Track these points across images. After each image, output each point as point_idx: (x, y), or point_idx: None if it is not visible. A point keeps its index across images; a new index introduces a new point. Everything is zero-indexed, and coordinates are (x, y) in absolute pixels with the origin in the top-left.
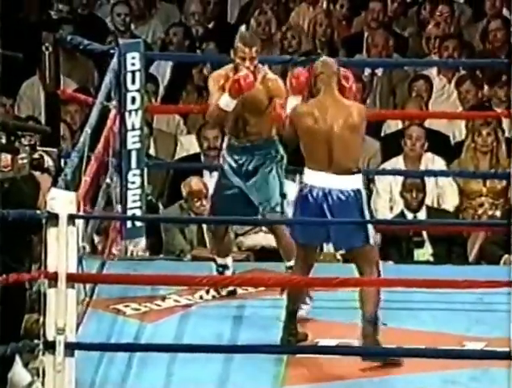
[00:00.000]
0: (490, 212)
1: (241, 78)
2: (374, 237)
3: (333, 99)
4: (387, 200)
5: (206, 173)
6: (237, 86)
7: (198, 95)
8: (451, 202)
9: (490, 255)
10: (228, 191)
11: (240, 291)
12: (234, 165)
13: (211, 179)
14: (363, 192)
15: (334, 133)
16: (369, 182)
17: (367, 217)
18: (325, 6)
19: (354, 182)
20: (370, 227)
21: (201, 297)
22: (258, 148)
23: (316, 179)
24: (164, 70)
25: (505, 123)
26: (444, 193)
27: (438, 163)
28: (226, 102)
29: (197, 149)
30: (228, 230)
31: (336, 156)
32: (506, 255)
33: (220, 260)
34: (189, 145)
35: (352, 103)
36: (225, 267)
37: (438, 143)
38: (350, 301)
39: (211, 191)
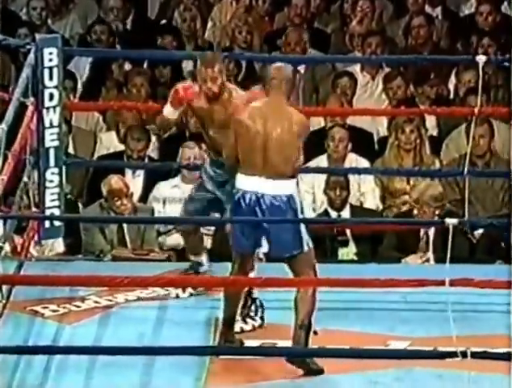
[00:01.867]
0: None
1: (181, 89)
2: (307, 241)
3: (277, 104)
4: (310, 199)
5: (128, 172)
6: (175, 95)
7: (118, 92)
8: (373, 201)
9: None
10: (204, 196)
11: (161, 292)
12: (212, 174)
13: (133, 179)
14: (297, 198)
15: (272, 138)
16: None
17: (301, 225)
18: (247, 1)
19: (288, 187)
20: (304, 232)
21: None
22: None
23: (249, 183)
24: (83, 66)
25: (429, 120)
26: (367, 192)
27: (362, 164)
28: (168, 112)
29: (117, 147)
30: (199, 229)
31: (271, 160)
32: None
33: (193, 258)
34: (109, 142)
35: (295, 111)
36: (199, 264)
37: (362, 140)
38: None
39: (132, 189)
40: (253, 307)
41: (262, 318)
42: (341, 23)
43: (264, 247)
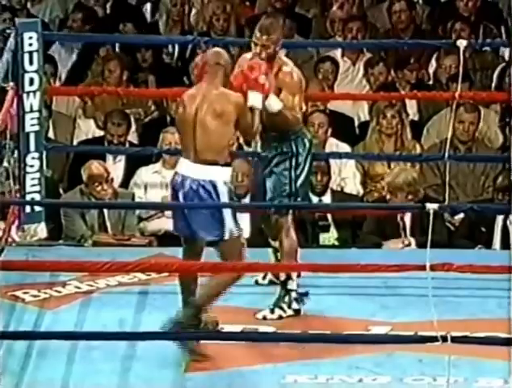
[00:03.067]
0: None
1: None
2: (235, 230)
3: (209, 87)
4: None
5: (109, 157)
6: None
7: (102, 78)
8: (354, 186)
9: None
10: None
11: (143, 277)
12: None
13: (114, 164)
14: (224, 186)
15: (199, 123)
16: None
17: (226, 212)
18: None
19: (211, 173)
20: (228, 221)
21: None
22: (272, 141)
23: (180, 166)
24: (70, 52)
25: (410, 105)
26: (348, 177)
27: (343, 149)
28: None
29: (96, 133)
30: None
31: (198, 145)
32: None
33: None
34: (87, 128)
35: (230, 92)
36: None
37: (342, 126)
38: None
39: (113, 175)
40: (286, 299)
41: (296, 311)
42: (321, 8)
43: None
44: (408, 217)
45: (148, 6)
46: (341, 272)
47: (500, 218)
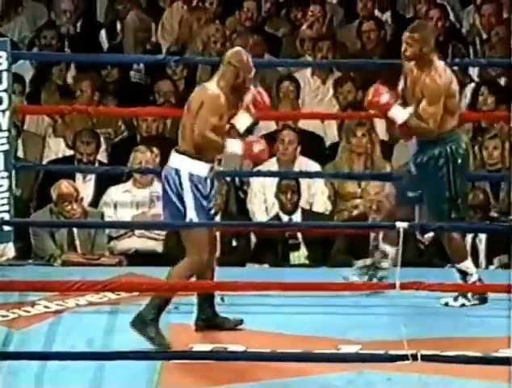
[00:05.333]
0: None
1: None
2: (191, 218)
3: (208, 83)
4: (262, 202)
5: (79, 176)
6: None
7: (60, 96)
8: (322, 204)
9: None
10: None
11: (113, 296)
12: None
13: (84, 183)
14: (186, 176)
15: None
16: (242, 184)
17: (188, 200)
18: (194, 4)
19: (177, 162)
20: (190, 209)
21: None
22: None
23: None
24: (27, 70)
25: (379, 125)
26: (316, 194)
27: (312, 167)
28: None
29: (66, 152)
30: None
31: (179, 135)
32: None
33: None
34: (57, 147)
35: (211, 90)
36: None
37: (312, 144)
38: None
39: (83, 194)
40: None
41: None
42: (291, 27)
43: None
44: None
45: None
46: (311, 291)
47: (469, 237)
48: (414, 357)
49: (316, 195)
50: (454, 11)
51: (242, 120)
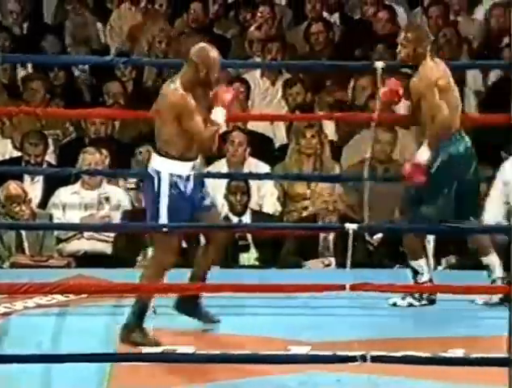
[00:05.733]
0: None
1: None
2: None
3: (171, 82)
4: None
5: (27, 178)
6: None
7: (8, 96)
8: (272, 205)
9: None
10: None
11: (61, 298)
12: None
13: (32, 185)
14: (166, 176)
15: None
16: None
17: (163, 203)
18: (142, 5)
19: (158, 163)
20: (162, 213)
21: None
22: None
23: None
24: None
25: (329, 126)
26: (266, 196)
27: (262, 168)
28: None
29: (14, 153)
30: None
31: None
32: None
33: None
34: (4, 149)
35: (171, 91)
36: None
37: (261, 145)
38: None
39: (31, 195)
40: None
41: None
42: (240, 28)
43: None
44: (331, 236)
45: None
46: (261, 292)
47: None
48: (363, 358)
49: (266, 196)
50: (402, 13)
51: (218, 114)
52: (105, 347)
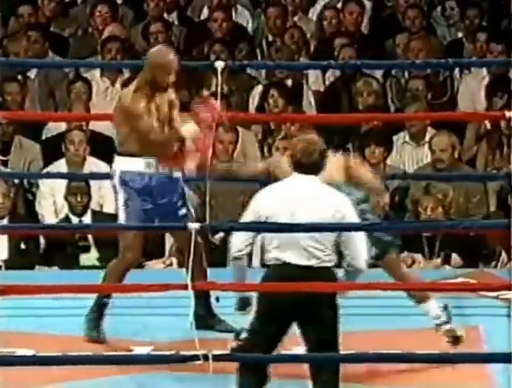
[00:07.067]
0: None
1: None
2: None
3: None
4: (51, 204)
5: None
6: None
7: None
8: (112, 205)
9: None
10: None
11: None
12: None
13: None
14: (119, 173)
15: None
16: (31, 186)
17: (119, 200)
18: None
19: (115, 163)
20: (120, 212)
21: None
22: None
23: None
24: None
25: None
26: (106, 195)
27: (102, 168)
28: None
29: None
30: None
31: None
32: None
33: None
34: None
35: (124, 94)
36: None
37: (101, 144)
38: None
39: None
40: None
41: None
42: (77, 27)
43: None
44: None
45: None
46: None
47: None
48: (205, 357)
49: (107, 196)
50: (243, 13)
51: (189, 128)
52: None
